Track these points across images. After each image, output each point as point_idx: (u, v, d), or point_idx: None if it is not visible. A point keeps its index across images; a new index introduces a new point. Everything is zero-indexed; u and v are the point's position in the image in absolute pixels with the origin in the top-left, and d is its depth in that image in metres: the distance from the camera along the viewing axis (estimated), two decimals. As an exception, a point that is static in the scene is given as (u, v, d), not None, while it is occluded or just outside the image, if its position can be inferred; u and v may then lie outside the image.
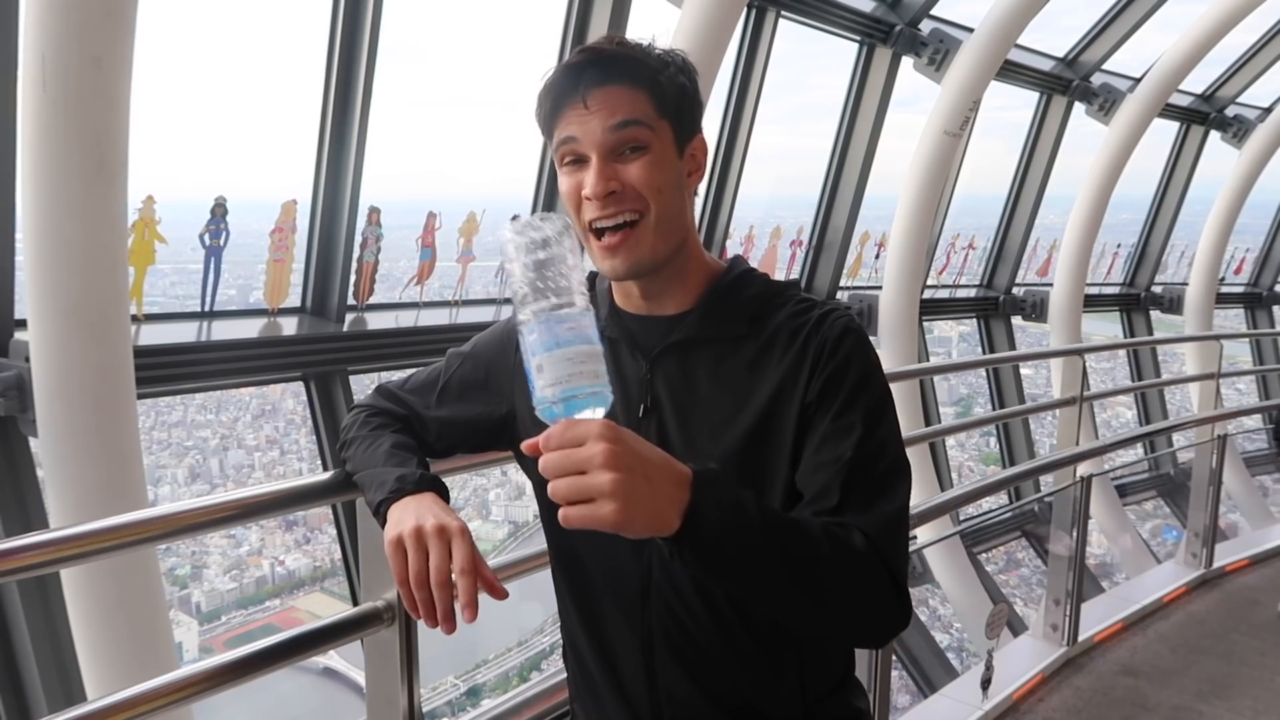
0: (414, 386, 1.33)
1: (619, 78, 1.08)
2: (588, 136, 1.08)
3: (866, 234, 7.56)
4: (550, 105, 1.10)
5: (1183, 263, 10.98)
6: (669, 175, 1.11)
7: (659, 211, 1.09)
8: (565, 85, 1.09)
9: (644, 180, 1.08)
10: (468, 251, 5.44)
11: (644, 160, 1.09)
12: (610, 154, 1.08)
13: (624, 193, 1.08)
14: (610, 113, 1.07)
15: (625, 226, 1.09)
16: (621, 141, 1.08)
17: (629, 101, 1.08)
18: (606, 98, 1.07)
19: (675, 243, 1.13)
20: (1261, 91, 10.06)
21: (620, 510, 0.87)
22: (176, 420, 6.64)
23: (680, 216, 1.13)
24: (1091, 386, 4.10)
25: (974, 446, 10.33)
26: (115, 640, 3.49)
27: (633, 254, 1.10)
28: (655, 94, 1.09)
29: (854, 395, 1.08)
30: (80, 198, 3.26)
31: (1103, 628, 3.86)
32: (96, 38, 3.16)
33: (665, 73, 1.11)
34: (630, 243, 1.10)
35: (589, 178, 1.08)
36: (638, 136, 1.08)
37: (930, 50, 6.83)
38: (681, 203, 1.14)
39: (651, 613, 1.15)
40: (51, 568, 1.55)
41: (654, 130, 1.09)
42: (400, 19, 4.86)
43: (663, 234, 1.11)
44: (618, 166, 1.08)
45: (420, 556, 1.04)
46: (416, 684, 1.52)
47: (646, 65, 1.10)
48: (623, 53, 1.10)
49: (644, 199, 1.09)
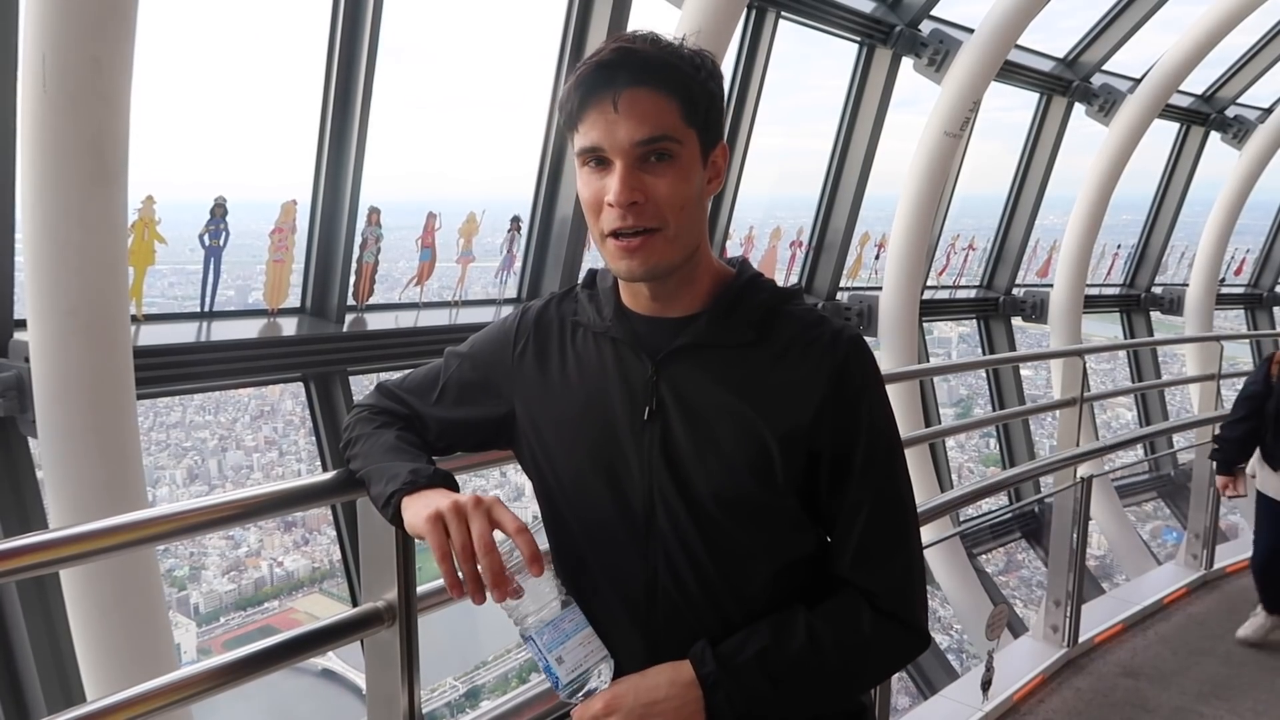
0: (413, 386, 1.32)
1: (652, 81, 1.07)
2: (614, 143, 1.06)
3: (866, 235, 7.56)
4: (579, 100, 1.08)
5: (1183, 264, 10.98)
6: (692, 187, 1.10)
7: (678, 225, 1.09)
8: (597, 83, 1.07)
9: (668, 195, 1.08)
10: (467, 252, 5.44)
11: (670, 173, 1.08)
12: (636, 162, 1.07)
13: (646, 205, 1.07)
14: (639, 121, 1.06)
15: (645, 233, 1.09)
16: (649, 152, 1.07)
17: (659, 110, 1.07)
18: (637, 102, 1.06)
19: (688, 252, 1.13)
20: (1262, 92, 10.08)
21: None
22: (175, 421, 6.63)
23: (698, 226, 1.13)
24: (1092, 387, 4.10)
25: (974, 447, 10.32)
26: (114, 641, 3.49)
27: (649, 260, 1.10)
28: (686, 102, 1.08)
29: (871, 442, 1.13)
30: (80, 198, 3.26)
31: (1103, 629, 3.86)
32: (97, 38, 3.16)
33: (697, 78, 1.09)
34: (648, 249, 1.09)
35: (613, 184, 1.07)
36: (665, 149, 1.07)
37: (930, 51, 6.84)
38: (701, 213, 1.14)
39: (657, 614, 1.15)
40: (51, 568, 1.55)
41: (681, 141, 1.08)
42: (400, 19, 4.87)
43: (680, 245, 1.11)
44: (644, 176, 1.07)
45: (463, 529, 1.04)
46: (417, 685, 1.52)
47: (680, 71, 1.08)
48: (658, 55, 1.08)
49: (664, 214, 1.08)
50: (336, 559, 5.86)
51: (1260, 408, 3.82)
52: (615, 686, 1.09)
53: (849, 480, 1.13)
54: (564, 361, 1.21)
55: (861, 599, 1.13)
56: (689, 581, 1.13)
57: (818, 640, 1.10)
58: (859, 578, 1.14)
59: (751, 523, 1.13)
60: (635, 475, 1.14)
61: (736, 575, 1.14)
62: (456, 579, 1.04)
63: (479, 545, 1.03)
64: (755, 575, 1.14)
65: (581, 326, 1.22)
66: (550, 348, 1.23)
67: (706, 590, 1.13)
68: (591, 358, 1.20)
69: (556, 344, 1.23)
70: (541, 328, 1.24)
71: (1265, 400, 3.81)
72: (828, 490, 1.14)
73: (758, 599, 1.14)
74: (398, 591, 1.49)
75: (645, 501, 1.14)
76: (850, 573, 1.14)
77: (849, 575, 1.14)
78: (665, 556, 1.14)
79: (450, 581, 1.05)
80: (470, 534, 1.03)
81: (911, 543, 1.16)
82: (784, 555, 1.15)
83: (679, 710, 1.08)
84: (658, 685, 1.09)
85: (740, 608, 1.14)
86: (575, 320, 1.22)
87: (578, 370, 1.20)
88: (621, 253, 1.10)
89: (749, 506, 1.12)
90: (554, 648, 1.08)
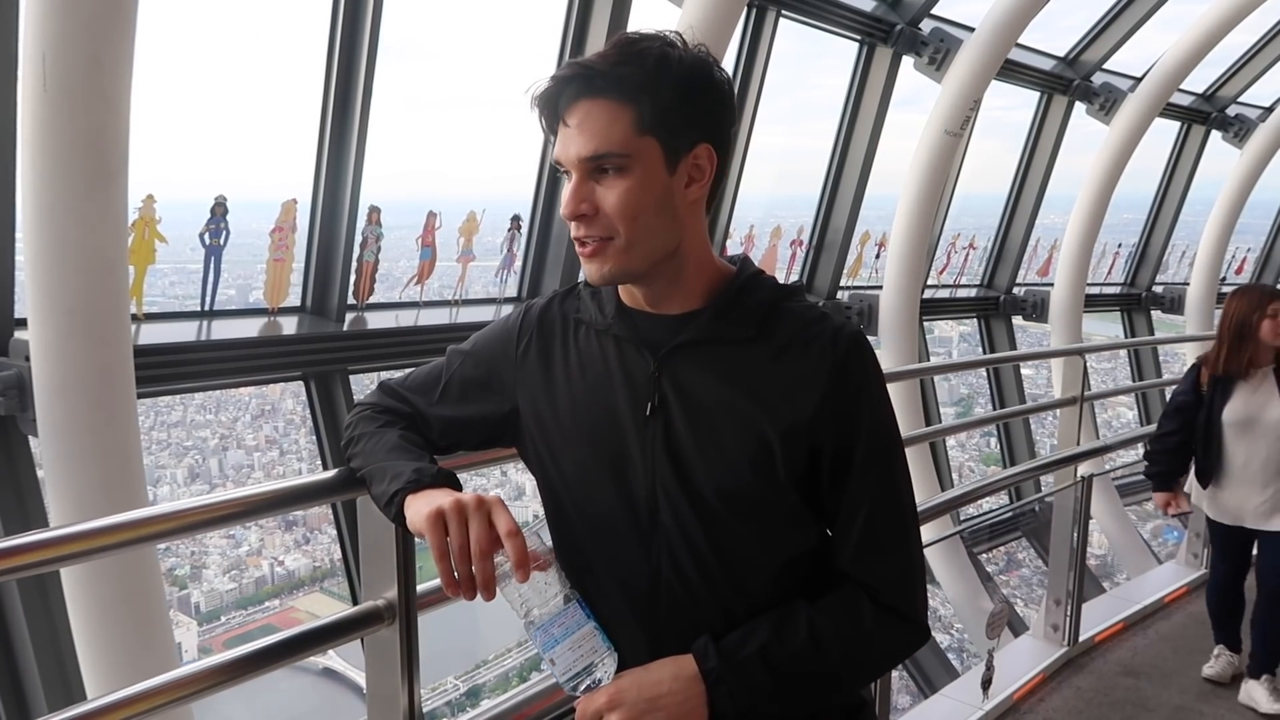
0: (415, 384, 1.32)
1: (600, 93, 1.08)
2: (567, 157, 1.10)
3: (867, 234, 7.56)
4: (539, 115, 1.13)
5: (1184, 262, 10.98)
6: (649, 196, 1.10)
7: (629, 235, 1.10)
8: (548, 99, 1.11)
9: (616, 207, 1.09)
10: (468, 251, 5.44)
11: (620, 185, 1.09)
12: (588, 175, 1.10)
13: (596, 217, 1.10)
14: (587, 136, 1.08)
15: (599, 240, 1.11)
16: (596, 166, 1.09)
17: (608, 123, 1.07)
18: (586, 116, 1.08)
19: (654, 258, 1.13)
20: (1262, 91, 10.07)
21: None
22: (176, 420, 6.63)
23: (662, 233, 1.13)
24: (1092, 386, 4.10)
25: (974, 447, 10.32)
26: (115, 639, 3.49)
27: (604, 266, 1.13)
28: (639, 110, 1.08)
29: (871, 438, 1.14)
30: (80, 197, 3.26)
31: (1103, 628, 3.86)
32: (97, 37, 3.16)
33: (659, 84, 1.08)
34: (601, 257, 1.12)
35: (564, 195, 1.11)
36: (613, 163, 1.09)
37: (931, 49, 6.83)
38: (666, 220, 1.12)
39: (660, 607, 1.16)
40: (51, 566, 1.55)
41: (631, 154, 1.08)
42: (400, 18, 4.86)
43: (637, 253, 1.12)
44: (595, 186, 1.10)
45: (462, 530, 1.05)
46: (417, 683, 1.52)
47: (631, 80, 1.08)
48: (606, 67, 1.08)
49: (614, 224, 1.10)
50: (337, 558, 5.86)
51: (1191, 420, 3.42)
52: (618, 681, 1.10)
53: (850, 476, 1.14)
54: (567, 358, 1.22)
55: (863, 593, 1.14)
56: (691, 576, 1.14)
57: (819, 635, 1.11)
58: (860, 572, 1.15)
59: (753, 517, 1.14)
60: (638, 470, 1.15)
61: (738, 569, 1.14)
62: (453, 578, 1.06)
63: (475, 548, 1.04)
64: (757, 569, 1.15)
65: (584, 324, 1.22)
66: (553, 345, 1.23)
67: (709, 584, 1.14)
68: (594, 354, 1.20)
69: (559, 341, 1.23)
70: (545, 325, 1.25)
71: (1196, 411, 3.41)
72: (829, 486, 1.15)
73: (759, 593, 1.15)
74: (398, 590, 1.49)
75: (648, 496, 1.15)
76: (851, 567, 1.15)
77: (850, 569, 1.16)
78: (668, 551, 1.15)
79: (446, 580, 1.06)
80: (469, 535, 1.04)
81: (911, 537, 1.18)
82: (785, 549, 1.16)
83: (682, 705, 1.09)
84: (661, 680, 1.10)
85: (742, 601, 1.14)
86: (578, 318, 1.23)
87: (580, 367, 1.21)
88: (583, 258, 1.14)
89: (751, 501, 1.13)
90: (560, 641, 1.09)
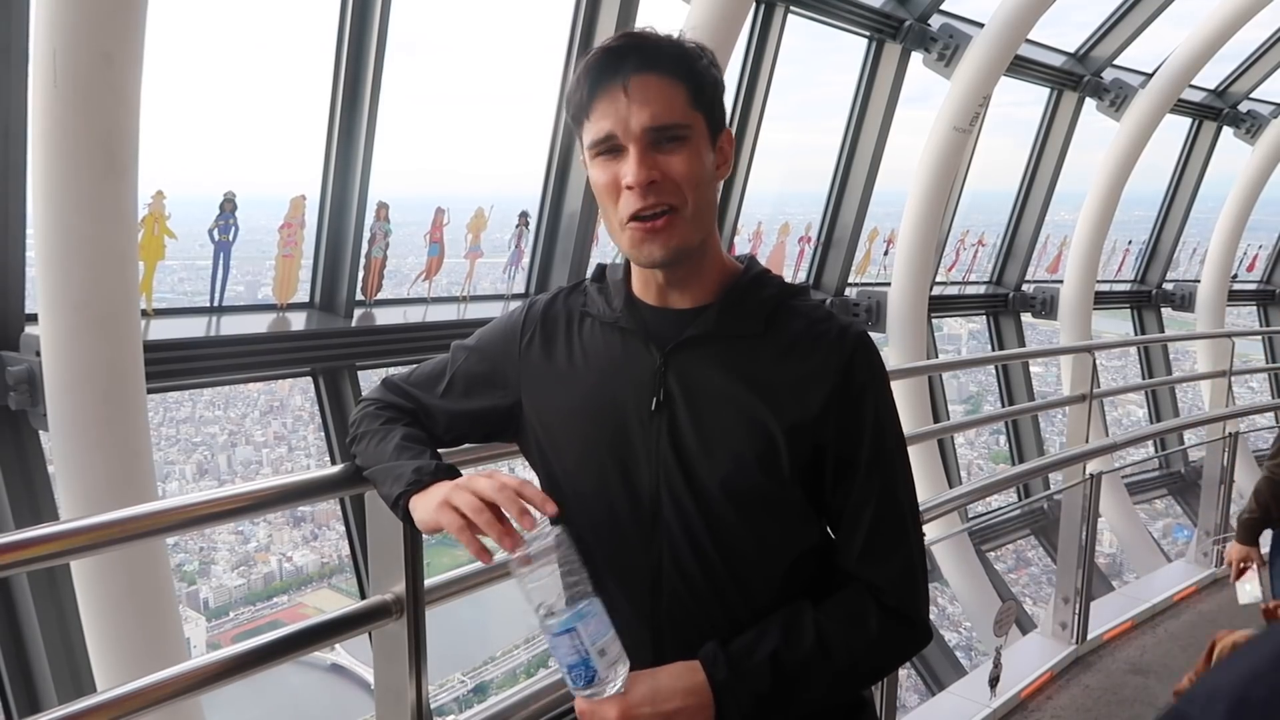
0: (420, 379, 1.33)
1: (659, 67, 1.09)
2: (627, 129, 1.08)
3: (875, 230, 7.53)
4: (588, 88, 1.10)
5: (1194, 259, 10.91)
6: (704, 168, 1.12)
7: (695, 203, 1.11)
8: (605, 70, 1.09)
9: (684, 173, 1.09)
10: (476, 247, 5.44)
11: (683, 152, 1.10)
12: (649, 146, 1.09)
13: (664, 183, 1.09)
14: (651, 106, 1.08)
15: (666, 213, 1.10)
16: (661, 136, 1.09)
17: (668, 94, 1.09)
18: (647, 88, 1.08)
19: (703, 234, 1.14)
20: (1275, 87, 9.99)
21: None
22: (185, 416, 6.66)
23: (712, 208, 1.15)
24: (1101, 384, 4.08)
25: (983, 444, 10.29)
26: (125, 632, 3.50)
27: (670, 241, 1.11)
28: (692, 86, 1.10)
29: (876, 438, 1.14)
30: (90, 193, 3.27)
31: (1112, 626, 3.85)
32: (107, 34, 3.17)
33: (700, 64, 1.12)
34: (669, 230, 1.10)
35: (628, 168, 1.08)
36: (677, 133, 1.09)
37: (940, 46, 6.80)
38: (713, 195, 1.16)
39: (661, 604, 1.16)
40: (62, 559, 1.56)
41: (690, 125, 1.10)
42: (409, 14, 4.87)
43: (697, 225, 1.12)
44: (658, 157, 1.09)
45: (471, 495, 1.06)
46: (425, 678, 1.52)
47: (685, 56, 1.11)
48: (664, 41, 1.11)
49: (683, 191, 1.10)
50: (345, 554, 5.87)
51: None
52: (630, 696, 1.07)
53: (854, 475, 1.14)
54: (571, 352, 1.22)
55: (868, 596, 1.14)
56: (694, 572, 1.14)
57: (826, 639, 1.11)
58: (865, 572, 1.15)
59: (757, 513, 1.14)
60: (642, 465, 1.15)
61: (740, 565, 1.14)
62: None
63: (489, 493, 1.05)
64: (758, 565, 1.15)
65: (590, 317, 1.22)
66: (557, 339, 1.23)
67: (711, 581, 1.14)
68: (599, 348, 1.20)
69: (564, 335, 1.23)
70: (549, 319, 1.25)
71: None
72: (832, 484, 1.15)
73: (760, 588, 1.15)
74: (406, 584, 1.50)
75: (652, 491, 1.15)
76: (856, 567, 1.15)
77: (855, 569, 1.15)
78: (670, 547, 1.14)
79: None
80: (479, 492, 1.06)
81: (913, 538, 1.18)
82: (787, 546, 1.16)
83: (692, 715, 1.08)
84: (674, 693, 1.08)
85: (744, 599, 1.14)
86: (584, 311, 1.23)
87: (585, 360, 1.21)
88: (643, 235, 1.11)
89: (754, 497, 1.13)
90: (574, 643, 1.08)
